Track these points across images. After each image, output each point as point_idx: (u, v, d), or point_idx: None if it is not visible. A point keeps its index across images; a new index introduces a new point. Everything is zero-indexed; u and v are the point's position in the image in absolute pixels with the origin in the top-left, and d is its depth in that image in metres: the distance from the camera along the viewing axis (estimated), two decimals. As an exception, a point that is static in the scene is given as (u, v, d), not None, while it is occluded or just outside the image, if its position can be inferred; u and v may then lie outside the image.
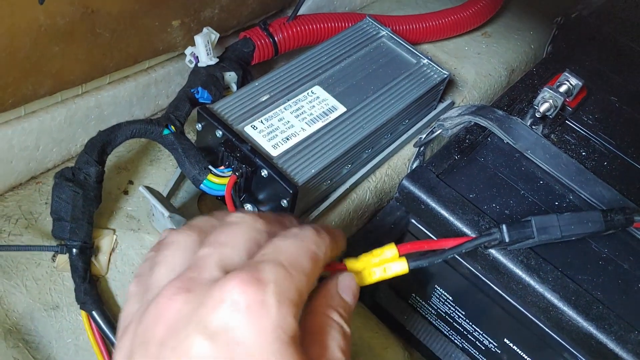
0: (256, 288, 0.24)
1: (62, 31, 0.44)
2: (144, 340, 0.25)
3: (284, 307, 0.24)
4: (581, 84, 0.53)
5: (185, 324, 0.24)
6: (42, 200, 0.49)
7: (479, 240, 0.39)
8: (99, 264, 0.46)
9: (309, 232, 0.29)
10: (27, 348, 0.43)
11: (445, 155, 0.48)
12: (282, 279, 0.25)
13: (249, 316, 0.23)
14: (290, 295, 0.25)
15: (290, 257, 0.27)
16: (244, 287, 0.24)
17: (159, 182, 0.52)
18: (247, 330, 0.23)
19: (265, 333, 0.23)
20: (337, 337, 0.29)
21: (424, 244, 0.37)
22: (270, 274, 0.25)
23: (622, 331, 0.39)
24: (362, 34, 0.59)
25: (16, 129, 0.47)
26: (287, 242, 0.28)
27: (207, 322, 0.24)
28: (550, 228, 0.39)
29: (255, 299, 0.24)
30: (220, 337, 0.23)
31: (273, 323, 0.24)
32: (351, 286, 0.32)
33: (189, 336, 0.24)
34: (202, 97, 0.51)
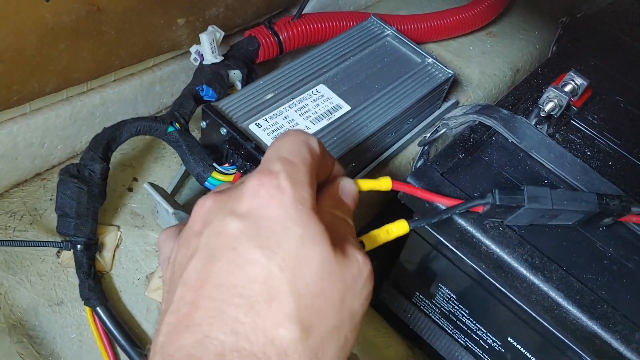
0: (270, 177, 0.28)
1: (67, 29, 0.45)
2: (184, 239, 0.29)
3: (297, 186, 0.28)
4: (586, 84, 0.53)
5: (217, 214, 0.28)
6: (46, 196, 0.49)
7: (472, 203, 0.40)
8: (104, 260, 0.46)
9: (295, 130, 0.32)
10: (31, 343, 0.43)
11: (449, 154, 0.48)
12: (288, 167, 0.29)
13: (269, 198, 0.27)
14: (300, 177, 0.29)
15: (289, 149, 0.30)
16: (260, 180, 0.28)
17: (164, 180, 0.52)
18: (270, 207, 0.27)
19: (285, 206, 0.27)
20: (347, 228, 0.32)
21: (417, 190, 0.41)
22: (278, 166, 0.28)
23: (626, 330, 0.39)
24: (367, 33, 0.59)
25: (21, 126, 0.47)
26: (282, 139, 0.31)
27: (235, 208, 0.28)
28: (542, 198, 0.40)
29: (271, 185, 0.28)
30: (248, 216, 0.27)
31: (290, 198, 0.27)
32: (351, 191, 0.35)
33: (222, 220, 0.28)
34: (206, 95, 0.51)
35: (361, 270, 0.29)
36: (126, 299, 0.46)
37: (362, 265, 0.29)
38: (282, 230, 0.27)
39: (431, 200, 0.42)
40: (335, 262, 0.28)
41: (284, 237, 0.27)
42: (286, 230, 0.27)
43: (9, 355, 0.42)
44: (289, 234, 0.27)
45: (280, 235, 0.27)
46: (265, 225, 0.27)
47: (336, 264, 0.28)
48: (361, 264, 0.29)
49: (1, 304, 0.44)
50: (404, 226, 0.37)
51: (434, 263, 0.49)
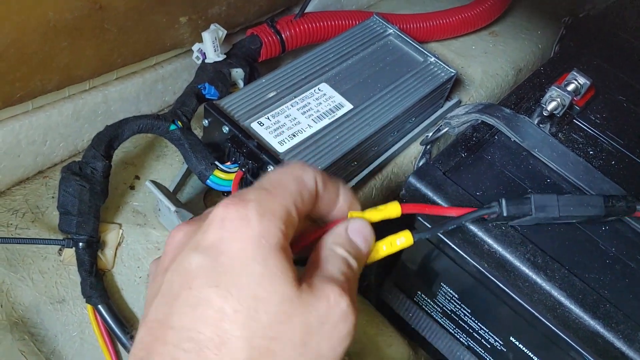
0: (239, 206, 0.26)
1: (70, 27, 0.45)
2: (153, 275, 0.28)
3: (266, 219, 0.26)
4: (589, 83, 0.52)
5: (183, 248, 0.27)
6: (49, 194, 0.49)
7: (479, 212, 0.40)
8: (105, 258, 0.46)
9: (294, 162, 0.30)
10: (33, 341, 0.43)
11: (452, 153, 0.48)
12: (263, 197, 0.27)
13: (232, 229, 0.26)
14: (273, 209, 0.26)
15: (273, 180, 0.28)
16: (228, 207, 0.26)
17: (166, 178, 0.52)
18: (231, 241, 0.25)
19: (246, 241, 0.25)
20: (337, 263, 0.29)
21: (425, 208, 0.39)
22: (252, 195, 0.27)
23: (629, 330, 0.39)
24: (369, 31, 0.59)
25: (24, 124, 0.47)
26: (275, 169, 0.30)
27: (200, 241, 0.26)
28: (549, 207, 0.40)
29: (237, 215, 0.26)
30: (210, 250, 0.26)
31: (254, 233, 0.25)
32: (361, 229, 0.32)
33: (186, 255, 0.26)
34: (209, 93, 0.51)
35: (331, 310, 0.26)
36: (128, 297, 0.46)
37: (333, 303, 0.26)
38: (240, 268, 0.25)
39: (440, 214, 0.41)
40: (297, 302, 0.25)
41: (242, 275, 0.25)
42: (245, 268, 0.25)
43: (10, 353, 0.42)
44: (248, 272, 0.25)
45: (238, 273, 0.25)
46: (224, 262, 0.25)
47: (299, 304, 0.26)
48: (332, 302, 0.26)
49: (3, 301, 0.44)
50: (408, 238, 0.35)
51: (436, 262, 0.49)
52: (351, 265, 0.30)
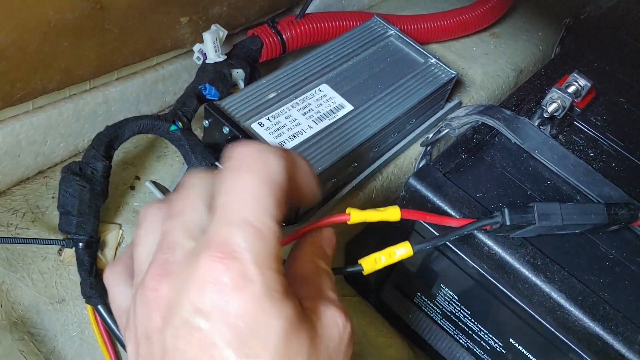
0: (233, 262, 0.24)
1: (71, 26, 0.45)
2: (144, 332, 0.25)
3: (267, 270, 0.24)
4: (590, 85, 0.52)
5: (178, 309, 0.24)
6: (49, 194, 0.49)
7: (481, 223, 0.39)
8: (105, 259, 0.46)
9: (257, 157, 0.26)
10: (33, 341, 0.43)
11: (452, 155, 0.48)
12: (253, 240, 0.24)
13: (237, 292, 0.23)
14: (267, 254, 0.24)
15: (252, 204, 0.25)
16: (221, 266, 0.24)
17: (166, 178, 0.52)
18: (241, 304, 0.23)
19: (258, 299, 0.24)
20: (327, 281, 0.30)
21: (425, 216, 0.38)
22: (241, 241, 0.24)
23: (629, 332, 0.39)
24: (370, 32, 0.59)
25: (24, 124, 0.47)
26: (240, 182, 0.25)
27: (199, 305, 0.24)
28: (552, 215, 0.40)
29: (237, 274, 0.23)
30: (216, 315, 0.23)
31: (262, 289, 0.24)
32: (332, 240, 0.33)
33: (186, 320, 0.24)
34: (209, 93, 0.51)
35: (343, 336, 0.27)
36: (127, 297, 0.46)
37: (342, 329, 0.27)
38: (265, 331, 0.24)
39: (441, 224, 0.41)
40: (318, 339, 0.26)
41: (267, 337, 0.24)
42: (268, 329, 0.24)
43: (10, 353, 0.42)
44: (272, 332, 0.24)
45: (264, 337, 0.24)
46: (243, 328, 0.23)
47: (320, 340, 0.26)
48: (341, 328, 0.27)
49: (3, 301, 0.44)
50: (407, 250, 0.35)
51: (435, 264, 0.49)
52: (332, 278, 0.30)
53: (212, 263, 0.24)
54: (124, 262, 0.31)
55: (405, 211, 0.36)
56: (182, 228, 0.27)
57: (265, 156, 0.26)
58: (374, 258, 0.35)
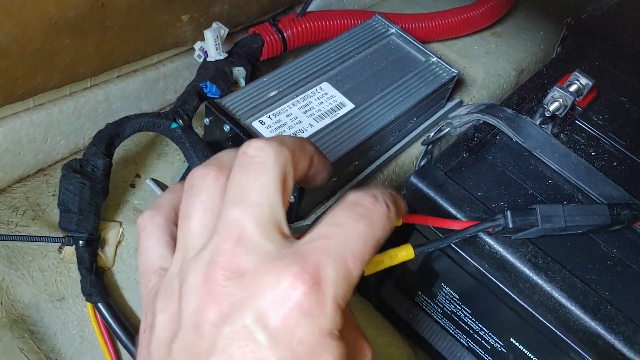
0: (317, 291, 0.23)
1: (72, 24, 0.44)
2: (193, 320, 0.24)
3: (339, 309, 0.24)
4: (591, 84, 0.52)
5: (241, 313, 0.23)
6: (49, 192, 0.49)
7: (483, 225, 0.39)
8: (105, 256, 0.46)
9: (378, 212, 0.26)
10: (33, 339, 0.43)
11: (453, 153, 0.48)
12: (342, 280, 0.24)
13: (309, 319, 0.23)
14: (346, 296, 0.24)
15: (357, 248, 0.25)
16: (305, 289, 0.23)
17: (166, 176, 0.52)
18: (308, 332, 0.23)
19: (324, 334, 0.23)
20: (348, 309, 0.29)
21: (427, 219, 0.38)
22: (333, 274, 0.24)
23: (630, 332, 0.39)
24: (371, 31, 0.59)
25: (25, 121, 0.47)
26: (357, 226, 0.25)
27: (266, 318, 0.23)
28: (555, 217, 0.40)
29: (315, 303, 0.23)
30: (281, 336, 0.23)
31: (330, 325, 0.23)
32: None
33: (247, 328, 0.23)
34: (210, 91, 0.51)
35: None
36: (128, 295, 0.46)
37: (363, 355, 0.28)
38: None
39: (444, 227, 0.41)
40: None
41: None
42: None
43: (10, 350, 0.42)
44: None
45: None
46: (301, 354, 0.23)
47: None
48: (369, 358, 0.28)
49: (3, 299, 0.44)
50: (409, 252, 0.35)
51: (436, 263, 0.49)
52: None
53: (295, 281, 0.23)
54: (166, 215, 0.29)
55: (408, 216, 0.36)
56: (257, 223, 0.25)
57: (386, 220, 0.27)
58: (375, 260, 0.34)
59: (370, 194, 0.27)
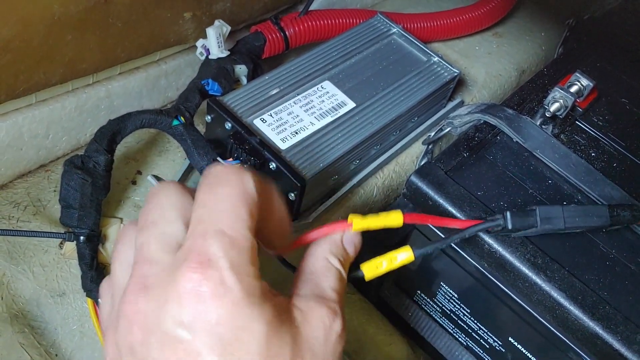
0: (210, 271, 0.24)
1: (75, 20, 0.45)
2: (127, 346, 0.26)
3: (244, 277, 0.25)
4: (592, 85, 0.52)
5: (159, 322, 0.25)
6: (50, 187, 0.49)
7: (482, 225, 0.39)
8: (106, 253, 0.46)
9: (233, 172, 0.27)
10: (33, 334, 0.44)
11: (454, 153, 0.48)
12: (229, 249, 0.25)
13: (216, 300, 0.24)
14: (243, 261, 0.25)
15: (226, 213, 0.26)
16: (199, 276, 0.24)
17: (168, 173, 0.52)
18: (221, 312, 0.24)
19: (238, 306, 0.24)
20: (331, 279, 0.30)
21: (427, 219, 0.38)
22: (217, 250, 0.25)
23: (628, 332, 0.39)
24: (373, 30, 0.59)
25: (27, 117, 0.47)
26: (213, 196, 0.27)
27: (180, 317, 0.24)
28: (554, 219, 0.40)
29: (215, 283, 0.24)
30: (198, 326, 0.24)
31: (240, 295, 0.24)
32: (354, 240, 0.33)
33: (169, 332, 0.24)
34: (212, 89, 0.51)
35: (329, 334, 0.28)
36: (128, 291, 0.46)
37: (329, 327, 0.28)
38: (246, 335, 0.24)
39: (444, 226, 0.41)
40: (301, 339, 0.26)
41: (250, 341, 0.24)
42: (250, 334, 0.24)
43: (10, 345, 0.42)
44: (253, 336, 0.24)
45: (246, 341, 0.24)
46: (225, 334, 0.24)
47: (302, 340, 0.26)
48: (328, 325, 0.28)
49: (3, 294, 0.44)
50: (408, 254, 0.36)
51: (436, 262, 0.49)
52: (342, 277, 0.31)
53: (189, 274, 0.24)
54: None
55: (408, 215, 0.36)
56: (157, 240, 0.27)
57: (240, 173, 0.27)
58: (374, 264, 0.35)
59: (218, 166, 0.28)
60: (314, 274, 0.30)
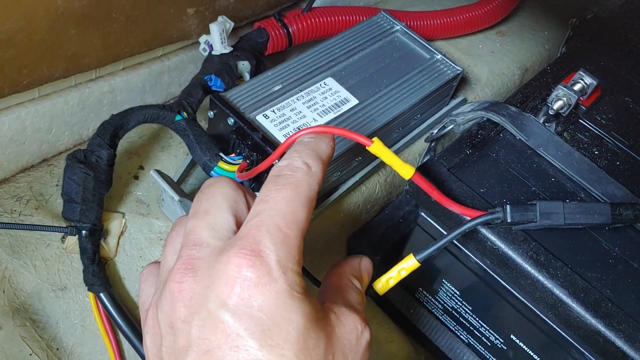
0: (260, 261, 0.26)
1: (78, 14, 0.45)
2: (168, 323, 0.27)
3: (289, 272, 0.26)
4: (595, 83, 0.52)
5: (203, 302, 0.26)
6: (53, 182, 0.49)
7: (482, 218, 0.40)
8: (108, 247, 0.46)
9: (300, 175, 0.29)
10: (34, 327, 0.44)
11: (456, 150, 0.48)
12: (280, 245, 0.26)
13: (261, 288, 0.25)
14: (291, 258, 0.27)
15: (286, 213, 0.27)
16: (248, 263, 0.25)
17: (170, 168, 0.52)
18: (264, 298, 0.25)
19: (280, 296, 0.26)
20: (355, 295, 0.33)
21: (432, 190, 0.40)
22: (269, 244, 0.26)
23: (630, 329, 0.39)
24: (377, 27, 0.59)
25: (30, 111, 0.47)
26: (280, 195, 0.28)
27: (225, 299, 0.25)
28: (554, 214, 0.40)
29: (262, 272, 0.25)
30: (241, 309, 0.25)
31: (283, 287, 0.26)
32: (368, 266, 0.37)
33: (211, 312, 0.25)
34: (215, 85, 0.51)
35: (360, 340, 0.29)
36: (129, 286, 0.46)
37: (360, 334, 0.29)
38: (286, 324, 0.25)
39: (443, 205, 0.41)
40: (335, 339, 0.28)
41: (288, 330, 0.25)
42: (289, 323, 0.26)
43: (12, 339, 0.42)
44: (293, 326, 0.26)
45: (285, 329, 0.25)
46: (265, 320, 0.25)
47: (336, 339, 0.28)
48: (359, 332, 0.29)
49: (5, 287, 0.44)
50: (413, 262, 0.38)
51: (438, 259, 0.49)
52: (364, 297, 0.34)
53: (238, 259, 0.26)
54: (158, 263, 0.33)
55: (417, 176, 0.38)
56: (207, 226, 0.29)
57: (308, 178, 0.29)
58: (385, 281, 0.38)
59: (286, 161, 0.30)
60: (340, 288, 0.32)
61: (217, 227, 0.29)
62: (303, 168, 0.30)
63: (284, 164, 0.30)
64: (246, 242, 0.26)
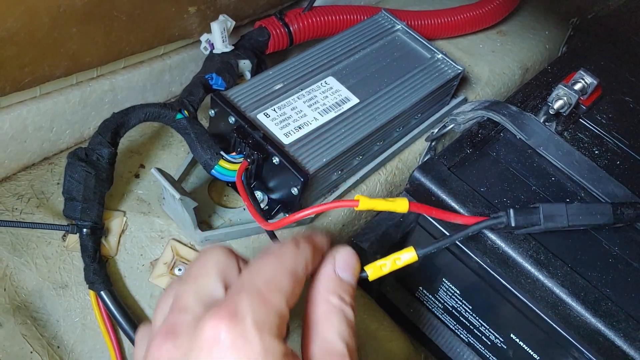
0: (235, 323, 0.25)
1: (80, 12, 0.45)
2: None
3: (266, 335, 0.25)
4: (596, 83, 0.52)
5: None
6: (54, 180, 0.49)
7: (485, 223, 0.40)
8: (109, 245, 0.46)
9: (286, 249, 0.29)
10: (35, 325, 0.44)
11: (457, 149, 0.48)
12: (257, 307, 0.26)
13: (235, 351, 0.25)
14: (269, 321, 0.26)
15: (267, 280, 0.27)
16: (224, 324, 0.25)
17: (171, 167, 0.52)
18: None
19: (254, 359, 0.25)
20: (336, 325, 0.29)
21: (432, 211, 0.39)
22: (247, 305, 0.26)
23: (630, 328, 0.39)
24: (378, 27, 0.59)
25: (31, 109, 0.47)
26: (263, 263, 0.28)
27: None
28: (558, 217, 0.40)
29: (236, 334, 0.25)
30: None
31: (259, 351, 0.25)
32: (349, 263, 0.32)
33: None
34: (216, 83, 0.51)
35: None
36: (130, 284, 0.46)
37: None
38: None
39: (447, 220, 0.41)
40: None
41: None
42: None
43: (12, 336, 0.43)
44: None
45: None
46: None
47: None
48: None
49: (6, 285, 0.44)
50: (412, 255, 0.36)
51: (438, 257, 0.49)
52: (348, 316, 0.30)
53: (215, 322, 0.25)
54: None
55: (414, 204, 0.37)
56: (194, 292, 0.29)
57: (294, 253, 0.29)
58: (378, 265, 0.36)
59: (279, 242, 0.31)
60: (318, 323, 0.30)
61: (203, 293, 0.28)
62: (291, 243, 0.30)
63: (275, 243, 0.31)
64: (224, 305, 0.26)
